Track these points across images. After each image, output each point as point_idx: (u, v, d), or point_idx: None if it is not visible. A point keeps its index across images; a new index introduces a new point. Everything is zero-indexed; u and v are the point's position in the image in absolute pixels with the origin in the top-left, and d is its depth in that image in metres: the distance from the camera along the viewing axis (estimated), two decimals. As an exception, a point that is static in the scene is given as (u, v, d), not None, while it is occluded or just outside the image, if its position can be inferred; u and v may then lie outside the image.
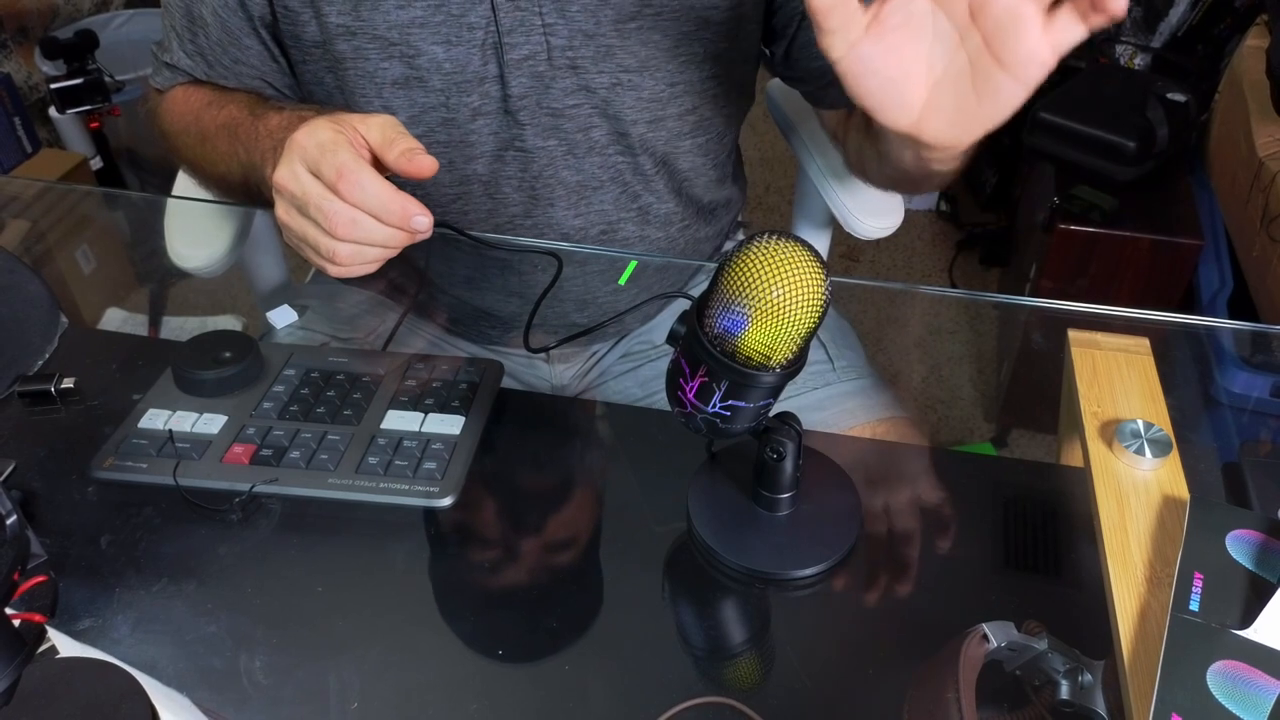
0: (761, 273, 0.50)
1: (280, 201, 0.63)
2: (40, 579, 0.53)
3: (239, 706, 0.53)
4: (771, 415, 0.57)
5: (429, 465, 0.65)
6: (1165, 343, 0.72)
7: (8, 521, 0.49)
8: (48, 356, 0.74)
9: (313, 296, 0.95)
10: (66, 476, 0.65)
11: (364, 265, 0.63)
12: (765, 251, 0.50)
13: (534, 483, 0.68)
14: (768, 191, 2.41)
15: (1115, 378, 0.67)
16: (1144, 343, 0.70)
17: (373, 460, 0.65)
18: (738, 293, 0.50)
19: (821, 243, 1.10)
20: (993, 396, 1.81)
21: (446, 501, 0.63)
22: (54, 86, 1.89)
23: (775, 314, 0.50)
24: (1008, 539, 0.62)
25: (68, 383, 0.71)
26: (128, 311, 0.95)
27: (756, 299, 0.50)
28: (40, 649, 0.48)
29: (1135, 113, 1.64)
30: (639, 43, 0.76)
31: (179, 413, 0.68)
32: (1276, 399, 1.19)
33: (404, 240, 0.62)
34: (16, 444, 0.68)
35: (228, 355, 0.71)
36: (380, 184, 0.60)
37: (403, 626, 0.57)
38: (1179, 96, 1.66)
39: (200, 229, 0.93)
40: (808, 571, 0.59)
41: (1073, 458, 0.67)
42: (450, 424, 0.68)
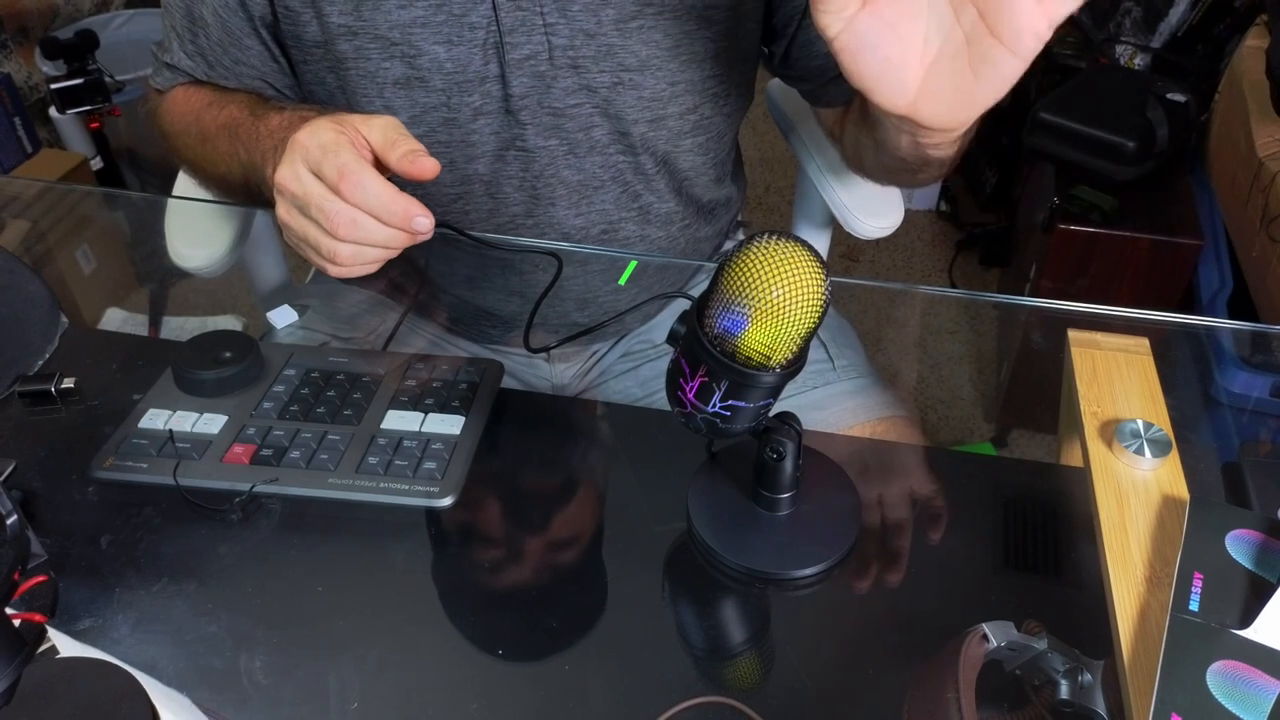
0: (761, 273, 0.50)
1: (281, 201, 0.63)
2: (40, 579, 0.53)
3: (239, 706, 0.53)
4: (771, 415, 0.57)
5: (429, 465, 0.65)
6: (1165, 343, 0.72)
7: (8, 521, 0.49)
8: (48, 356, 0.74)
9: (313, 296, 0.95)
10: (67, 476, 0.65)
11: (365, 266, 0.63)
12: (765, 251, 0.50)
13: (534, 483, 0.68)
14: (768, 191, 2.41)
15: (1115, 378, 0.67)
16: (1144, 343, 0.70)
17: (373, 460, 0.65)
18: (738, 293, 0.51)
19: (821, 243, 1.10)
20: (992, 396, 1.80)
21: (446, 501, 0.63)
22: (54, 86, 1.89)
23: (775, 314, 0.50)
24: (1008, 539, 0.62)
25: (68, 383, 0.71)
26: (128, 311, 0.95)
27: (756, 299, 0.50)
28: (40, 649, 0.48)
29: (1135, 113, 1.64)
30: (640, 42, 0.76)
31: (179, 413, 0.68)
32: (1276, 399, 1.19)
33: (405, 241, 0.62)
34: (17, 444, 0.68)
35: (228, 355, 0.71)
36: (382, 185, 0.60)
37: (403, 626, 0.57)
38: (1179, 96, 1.66)
39: (201, 229, 0.93)
40: (808, 571, 0.59)
41: (1072, 458, 0.67)
42: (450, 424, 0.68)
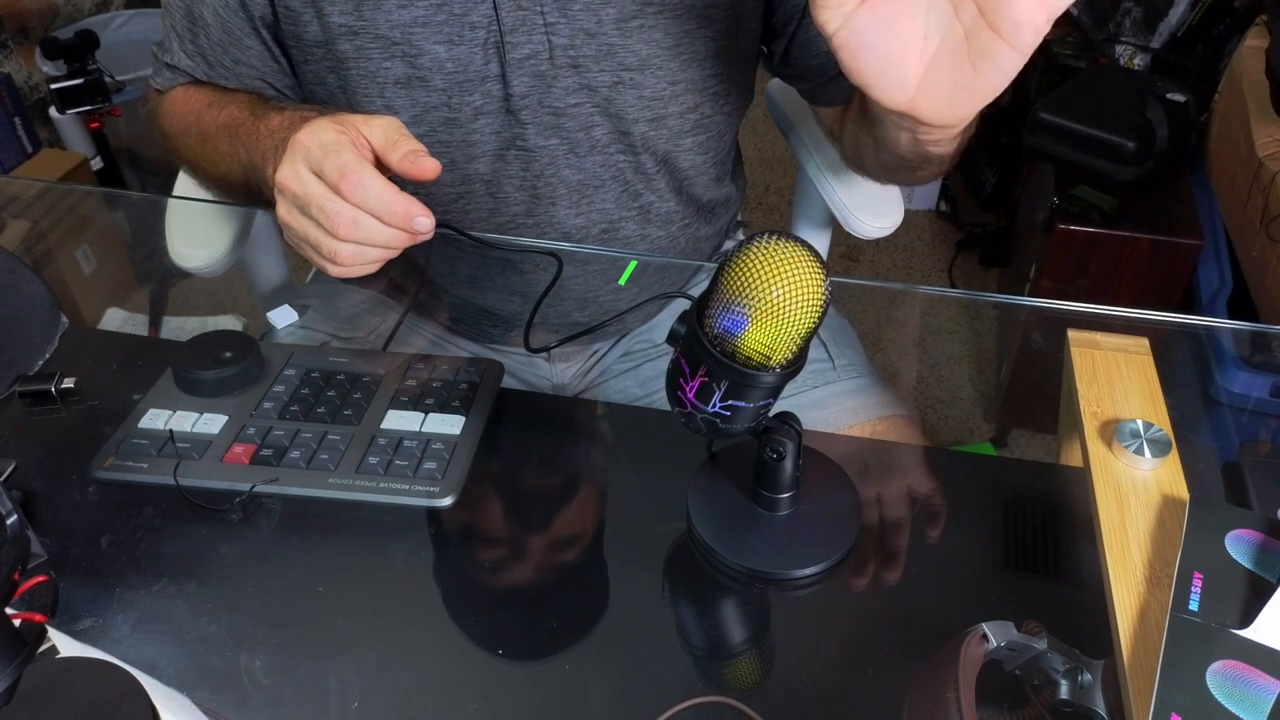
0: (761, 273, 0.50)
1: (282, 201, 0.63)
2: (41, 579, 0.53)
3: (239, 706, 0.53)
4: (771, 415, 0.57)
5: (429, 465, 0.65)
6: (1165, 343, 0.72)
7: (8, 521, 0.49)
8: (48, 356, 0.74)
9: (313, 296, 0.95)
10: (67, 476, 0.65)
11: (365, 266, 0.63)
12: (765, 251, 0.50)
13: (534, 483, 0.68)
14: (768, 191, 2.41)
15: (1115, 378, 0.67)
16: (1143, 343, 0.70)
17: (373, 460, 0.65)
18: (738, 293, 0.51)
19: (821, 243, 1.10)
20: (992, 396, 1.80)
21: (447, 501, 0.63)
22: (54, 87, 1.89)
23: (775, 314, 0.50)
24: (1007, 539, 0.62)
25: (68, 383, 0.71)
26: (128, 311, 0.95)
27: (756, 299, 0.50)
28: (41, 649, 0.48)
29: (1135, 113, 1.64)
30: (640, 41, 0.76)
31: (179, 413, 0.68)
32: (1276, 399, 1.19)
33: (406, 241, 0.62)
34: (17, 444, 0.68)
35: (228, 355, 0.71)
36: (383, 185, 0.60)
37: (403, 626, 0.57)
38: (1179, 96, 1.66)
39: (201, 229, 0.93)
40: (808, 571, 0.59)
41: (1072, 458, 0.67)
42: (450, 424, 0.68)
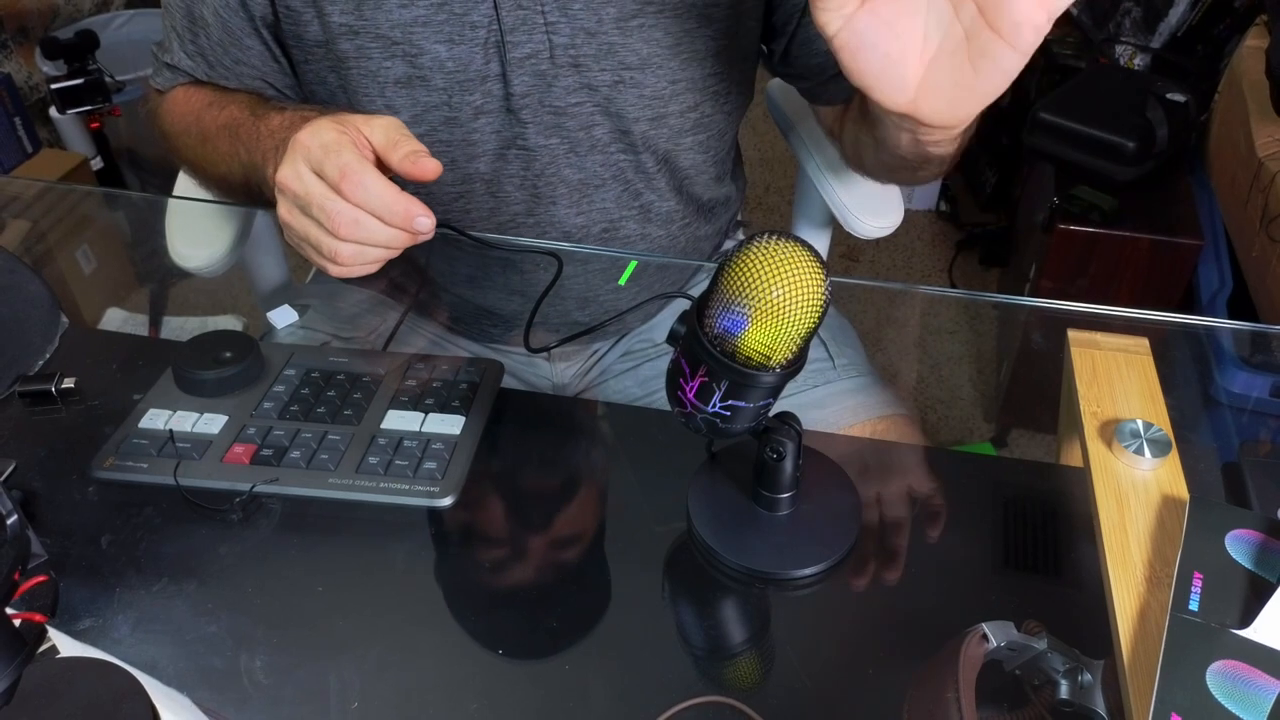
0: (761, 273, 0.50)
1: (283, 201, 0.63)
2: (41, 579, 0.53)
3: (239, 706, 0.53)
4: (772, 414, 0.57)
5: (429, 465, 0.65)
6: (1165, 343, 0.72)
7: (8, 521, 0.49)
8: (48, 356, 0.74)
9: (313, 296, 0.95)
10: (67, 476, 0.65)
11: (365, 266, 0.63)
12: (765, 251, 0.50)
13: (534, 483, 0.68)
14: (768, 191, 2.41)
15: (1115, 378, 0.67)
16: (1143, 343, 0.70)
17: (373, 460, 0.65)
18: (738, 293, 0.51)
19: (821, 242, 1.10)
20: (992, 396, 1.81)
21: (447, 501, 0.63)
22: (54, 87, 1.89)
23: (775, 314, 0.50)
24: (1007, 539, 0.62)
25: (68, 383, 0.71)
26: (128, 311, 0.95)
27: (756, 299, 0.50)
28: (41, 649, 0.48)
29: (1135, 113, 1.64)
30: (641, 40, 0.76)
31: (179, 413, 0.68)
32: (1276, 399, 1.19)
33: (406, 241, 0.62)
34: (17, 444, 0.68)
35: (228, 355, 0.71)
36: (383, 184, 0.60)
37: (403, 626, 0.57)
38: (1179, 96, 1.66)
39: (201, 229, 0.93)
40: (808, 571, 0.59)
41: (1072, 458, 0.67)
42: (450, 424, 0.68)
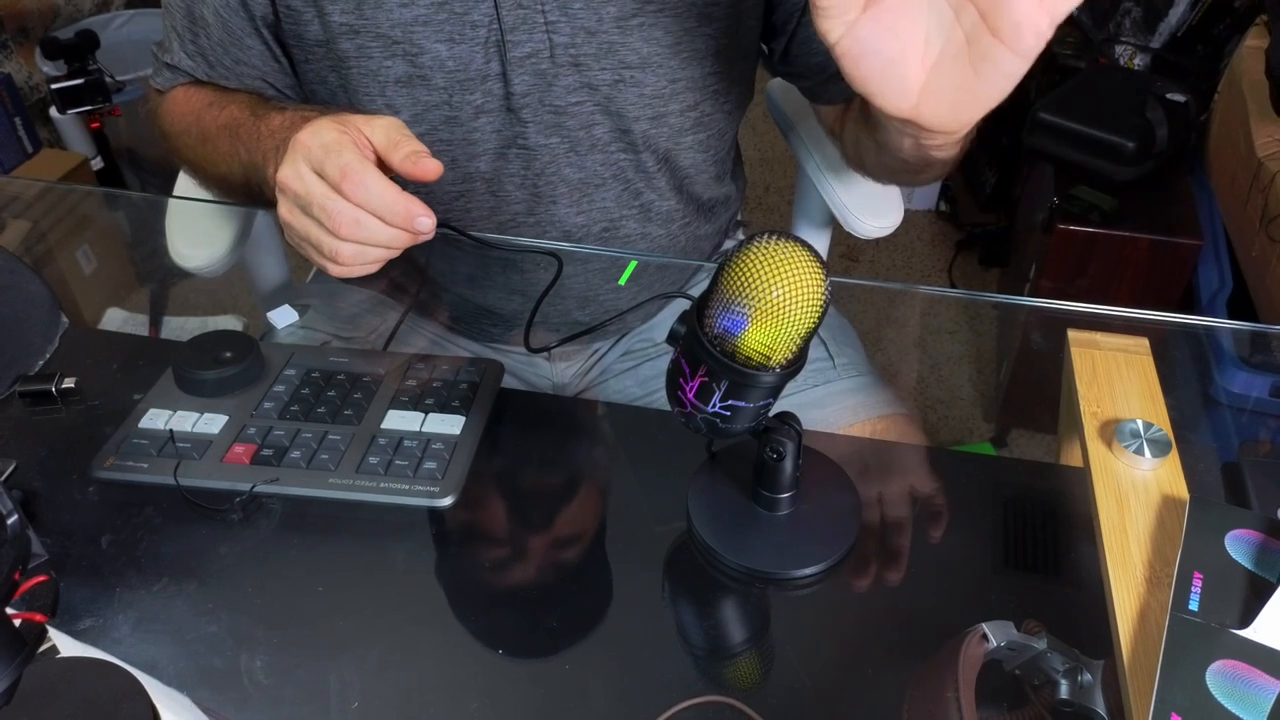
0: (761, 273, 0.50)
1: (283, 200, 0.63)
2: (41, 579, 0.53)
3: (240, 706, 0.53)
4: (772, 414, 0.57)
5: (429, 465, 0.65)
6: (1165, 343, 0.72)
7: (9, 521, 0.49)
8: (48, 356, 0.74)
9: (314, 296, 0.95)
10: (67, 476, 0.65)
11: (366, 265, 0.63)
12: (765, 251, 0.50)
13: (534, 483, 0.68)
14: (768, 191, 2.41)
15: (1115, 378, 0.67)
16: (1143, 343, 0.70)
17: (373, 460, 0.65)
18: (738, 293, 0.51)
19: (821, 242, 1.10)
20: (992, 396, 1.81)
21: (447, 501, 0.63)
22: (55, 87, 1.89)
23: (775, 314, 0.50)
24: (1007, 539, 0.62)
25: (68, 383, 0.71)
26: (128, 311, 0.95)
27: (756, 299, 0.50)
28: (41, 649, 0.48)
29: (1135, 113, 1.64)
30: (641, 39, 0.76)
31: (180, 412, 0.68)
32: (1276, 399, 1.19)
33: (407, 241, 0.62)
34: (17, 444, 0.68)
35: (228, 355, 0.71)
36: (384, 184, 0.60)
37: (403, 626, 0.57)
38: (1179, 97, 1.66)
39: (201, 229, 0.93)
40: (808, 571, 0.59)
41: (1072, 458, 0.67)
42: (451, 424, 0.68)
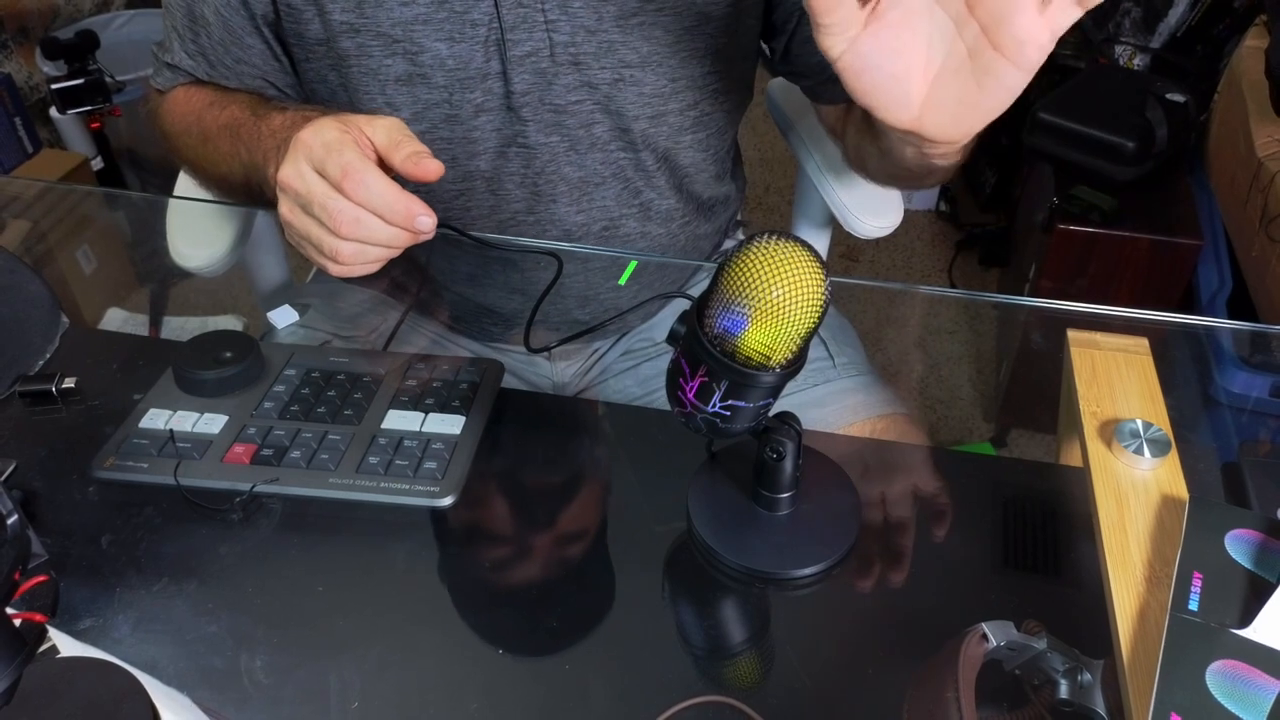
0: (761, 273, 0.50)
1: (284, 199, 0.63)
2: (41, 579, 0.53)
3: (240, 706, 0.53)
4: (772, 414, 0.57)
5: (430, 465, 0.65)
6: (1164, 343, 0.72)
7: (9, 521, 0.49)
8: (49, 356, 0.74)
9: (314, 295, 0.95)
10: (67, 476, 0.65)
11: (366, 265, 0.63)
12: (765, 251, 0.50)
13: (534, 483, 0.68)
14: (768, 191, 2.41)
15: (1114, 378, 0.67)
16: (1143, 343, 0.70)
17: (373, 460, 0.65)
18: (737, 293, 0.51)
19: (821, 242, 1.10)
20: (992, 396, 1.81)
21: (447, 501, 0.63)
22: (55, 87, 1.89)
23: (775, 314, 0.50)
24: (1007, 539, 0.62)
25: (69, 382, 0.71)
26: (128, 311, 0.95)
27: (756, 299, 0.50)
28: (41, 648, 0.48)
29: (1135, 113, 1.64)
30: (641, 38, 0.76)
31: (180, 412, 0.68)
32: (1276, 399, 1.19)
33: (407, 240, 0.62)
34: (17, 444, 0.68)
35: (228, 355, 0.71)
36: (385, 183, 0.60)
37: (403, 626, 0.57)
38: (1178, 97, 1.66)
39: (202, 229, 0.93)
40: (807, 571, 0.59)
41: (1072, 458, 0.67)
42: (451, 424, 0.68)
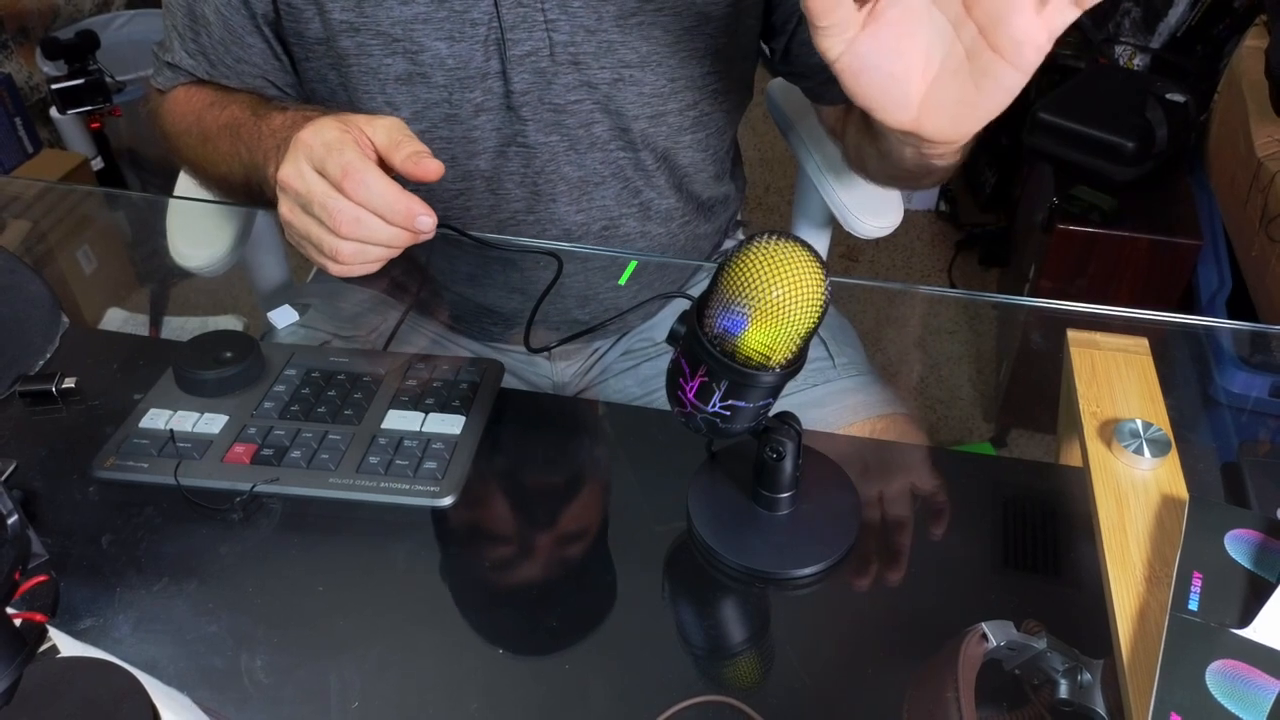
0: (761, 273, 0.50)
1: (284, 199, 0.63)
2: (41, 578, 0.53)
3: (240, 706, 0.53)
4: (771, 414, 0.57)
5: (430, 465, 0.65)
6: (1164, 343, 0.72)
7: (9, 521, 0.49)
8: (49, 356, 0.74)
9: (314, 295, 0.95)
10: (68, 476, 0.65)
11: (366, 265, 0.63)
12: (765, 251, 0.50)
13: (534, 483, 0.68)
14: (768, 191, 2.41)
15: (1114, 378, 0.67)
16: (1143, 343, 0.70)
17: (373, 460, 0.65)
18: (737, 293, 0.51)
19: (821, 242, 1.10)
20: (992, 396, 1.81)
21: (447, 501, 0.63)
22: (55, 87, 1.89)
23: (775, 314, 0.50)
24: (1007, 539, 0.62)
25: (69, 382, 0.71)
26: (129, 311, 0.95)
27: (756, 299, 0.50)
28: (41, 648, 0.48)
29: (1134, 113, 1.64)
30: (640, 38, 0.77)
31: (180, 412, 0.68)
32: (1275, 399, 1.19)
33: (407, 240, 0.62)
34: (18, 444, 0.68)
35: (229, 355, 0.71)
36: (385, 183, 0.60)
37: (403, 626, 0.57)
38: (1178, 97, 1.66)
39: (202, 229, 0.93)
40: (807, 571, 0.59)
41: (1072, 457, 0.67)
42: (451, 424, 0.68)
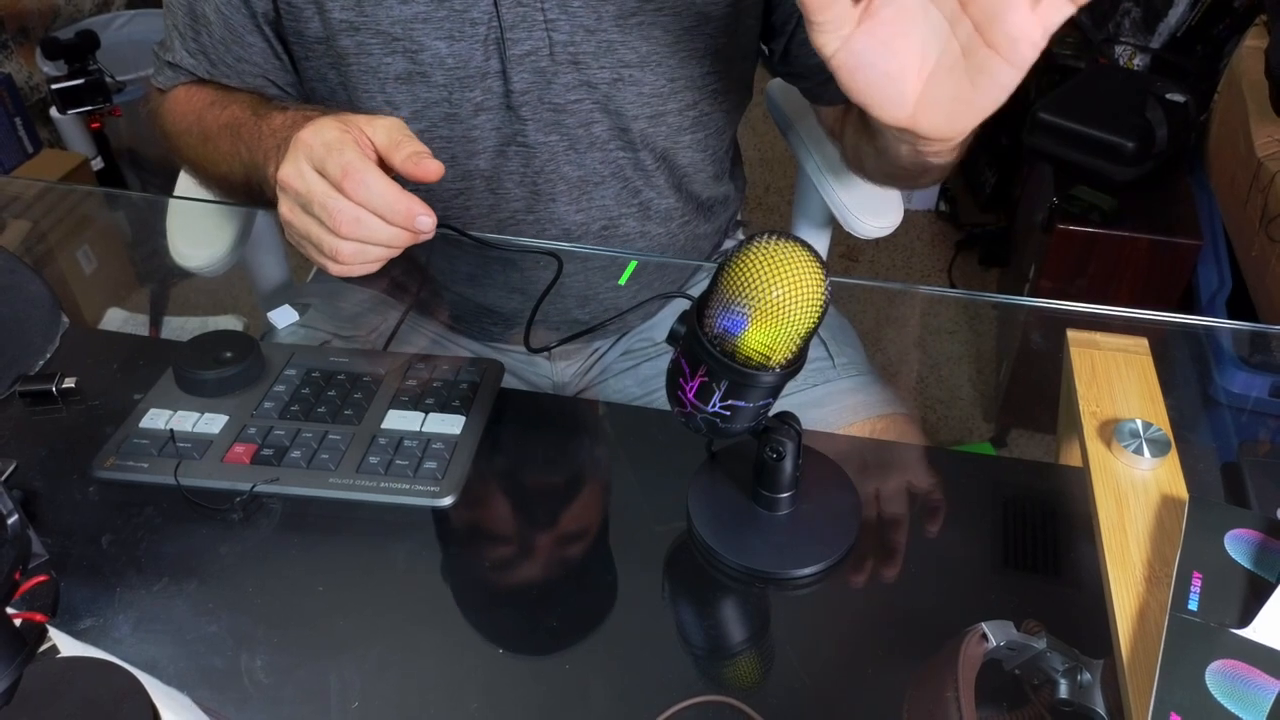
0: (761, 273, 0.50)
1: (284, 198, 0.63)
2: (41, 578, 0.53)
3: (240, 706, 0.53)
4: (772, 414, 0.57)
5: (430, 465, 0.65)
6: (1164, 343, 0.72)
7: (9, 521, 0.49)
8: (49, 356, 0.74)
9: (314, 295, 0.95)
10: (68, 476, 0.65)
11: (366, 264, 0.63)
12: (765, 251, 0.50)
13: (534, 483, 0.68)
14: (767, 191, 2.41)
15: (1114, 378, 0.67)
16: (1143, 343, 0.70)
17: (374, 460, 0.65)
18: (737, 293, 0.51)
19: (821, 242, 1.10)
20: (992, 396, 1.81)
21: (447, 501, 0.63)
22: (55, 87, 1.89)
23: (775, 314, 0.50)
24: (1007, 539, 0.62)
25: (69, 382, 0.71)
26: (129, 311, 0.95)
27: (756, 299, 0.50)
28: (41, 648, 0.48)
29: (1134, 113, 1.64)
30: (640, 38, 0.77)
31: (180, 412, 0.68)
32: (1275, 399, 1.19)
33: (407, 240, 0.62)
34: (18, 444, 0.68)
35: (229, 355, 0.71)
36: (385, 183, 0.60)
37: (403, 626, 0.57)
38: (1178, 97, 1.66)
39: (202, 229, 0.93)
40: (807, 571, 0.59)
41: (1072, 457, 0.67)
42: (451, 424, 0.68)
